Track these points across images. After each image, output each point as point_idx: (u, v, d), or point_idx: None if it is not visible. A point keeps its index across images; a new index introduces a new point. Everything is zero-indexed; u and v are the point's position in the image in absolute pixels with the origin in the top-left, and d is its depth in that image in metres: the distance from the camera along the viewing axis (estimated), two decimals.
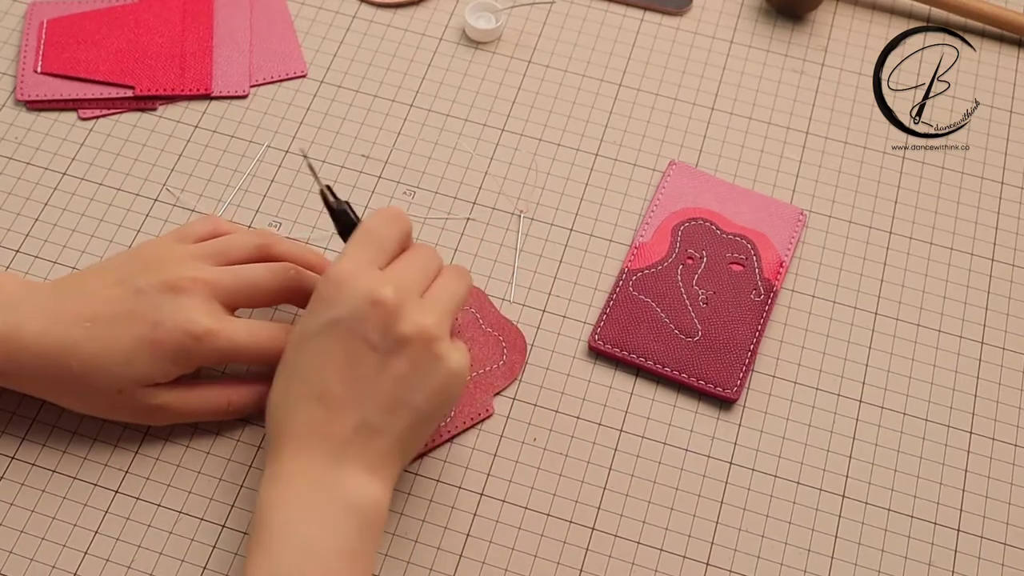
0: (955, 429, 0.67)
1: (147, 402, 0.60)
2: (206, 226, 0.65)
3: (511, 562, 0.62)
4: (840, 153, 0.77)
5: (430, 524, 0.62)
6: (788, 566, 0.62)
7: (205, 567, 0.60)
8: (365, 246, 0.58)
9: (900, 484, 0.65)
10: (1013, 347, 0.70)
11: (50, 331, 0.59)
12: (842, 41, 0.83)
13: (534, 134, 0.77)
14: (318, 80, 0.78)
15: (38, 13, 0.79)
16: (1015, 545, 0.64)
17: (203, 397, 0.63)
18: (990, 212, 0.76)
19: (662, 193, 0.74)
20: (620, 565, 0.62)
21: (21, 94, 0.76)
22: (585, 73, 0.80)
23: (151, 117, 0.76)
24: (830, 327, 0.70)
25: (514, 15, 0.82)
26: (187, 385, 0.62)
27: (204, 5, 0.80)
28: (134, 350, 0.59)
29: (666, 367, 0.67)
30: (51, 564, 0.60)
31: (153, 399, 0.61)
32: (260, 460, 0.64)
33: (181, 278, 0.60)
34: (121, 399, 0.60)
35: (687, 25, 0.83)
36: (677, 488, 0.64)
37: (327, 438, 0.55)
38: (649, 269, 0.71)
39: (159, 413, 0.61)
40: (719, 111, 0.79)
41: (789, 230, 0.73)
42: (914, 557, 0.63)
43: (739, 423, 0.67)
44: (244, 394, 0.64)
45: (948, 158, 0.78)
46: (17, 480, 0.62)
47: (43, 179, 0.73)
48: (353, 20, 0.81)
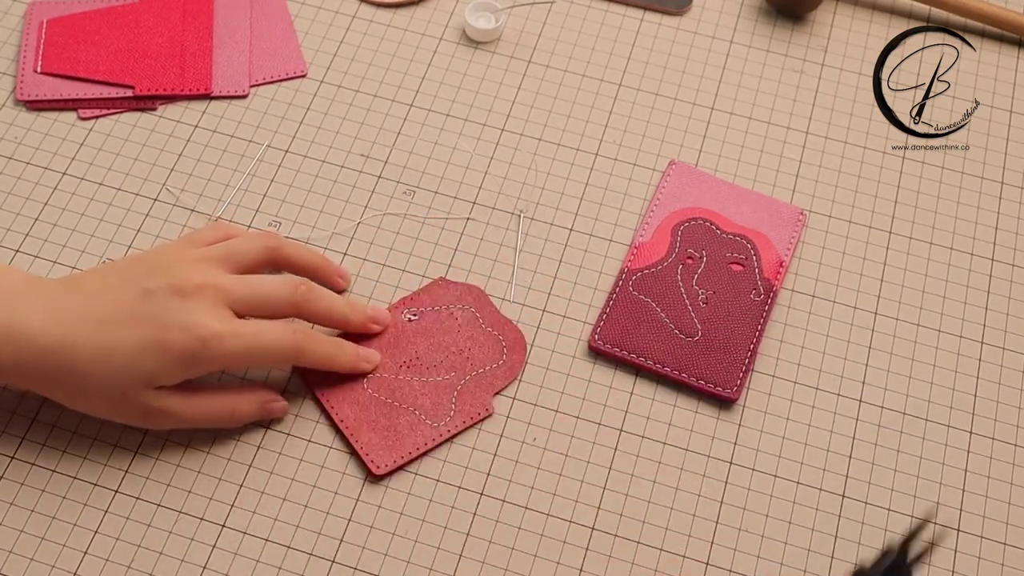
0: (955, 429, 0.67)
1: (150, 404, 0.60)
2: (216, 232, 0.65)
3: (511, 562, 0.62)
4: (840, 153, 0.77)
5: (430, 524, 0.62)
6: (788, 566, 0.62)
7: (205, 567, 0.60)
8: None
9: (900, 484, 0.65)
10: (1013, 347, 0.70)
11: (55, 327, 0.58)
12: (842, 41, 0.83)
13: (534, 134, 0.77)
14: (318, 80, 0.78)
15: (38, 13, 0.79)
16: (1015, 545, 0.64)
17: (207, 404, 0.62)
18: (990, 212, 0.76)
19: (662, 193, 0.74)
20: (620, 565, 0.62)
21: (21, 94, 0.76)
22: (585, 73, 0.80)
23: (151, 117, 0.76)
24: (830, 327, 0.70)
25: (514, 15, 0.82)
26: (191, 390, 0.62)
27: (204, 5, 0.80)
28: (141, 351, 0.58)
29: (666, 367, 0.67)
30: (51, 564, 0.60)
31: (156, 402, 0.60)
32: (260, 460, 0.64)
33: (190, 282, 0.60)
34: (124, 401, 0.60)
35: (687, 25, 0.83)
36: (677, 488, 0.64)
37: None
38: (649, 269, 0.71)
39: (162, 417, 0.61)
40: (719, 111, 0.79)
41: (789, 230, 0.73)
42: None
43: (739, 423, 0.67)
44: (248, 401, 0.63)
45: (948, 158, 0.78)
46: (17, 480, 0.62)
47: (43, 179, 0.73)
48: (353, 20, 0.81)
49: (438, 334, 0.67)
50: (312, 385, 0.66)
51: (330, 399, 0.65)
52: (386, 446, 0.64)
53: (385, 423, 0.64)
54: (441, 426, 0.65)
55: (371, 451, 0.63)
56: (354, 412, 0.64)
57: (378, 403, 0.65)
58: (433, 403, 0.65)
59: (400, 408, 0.65)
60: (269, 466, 0.64)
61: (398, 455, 0.63)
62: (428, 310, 0.68)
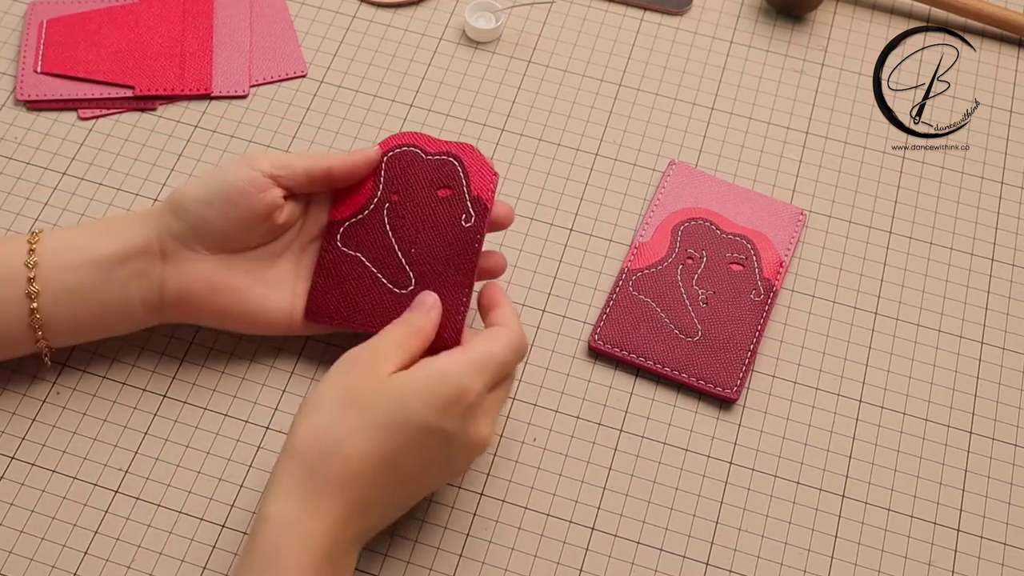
0: (955, 429, 0.67)
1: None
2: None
3: (511, 562, 0.62)
4: (840, 153, 0.77)
5: (430, 524, 0.62)
6: (788, 566, 0.62)
7: (205, 567, 0.60)
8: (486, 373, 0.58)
9: (900, 484, 0.65)
10: (1013, 347, 0.70)
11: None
12: (842, 41, 0.83)
13: (534, 134, 0.77)
14: (318, 80, 0.78)
15: (38, 13, 0.79)
16: (1015, 545, 0.64)
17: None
18: (990, 212, 0.76)
19: (662, 193, 0.74)
20: (620, 565, 0.62)
21: (21, 94, 0.76)
22: (585, 73, 0.80)
23: (151, 117, 0.76)
24: (830, 327, 0.70)
25: (514, 15, 0.82)
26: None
27: (204, 5, 0.80)
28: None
29: (666, 367, 0.67)
30: (51, 564, 0.60)
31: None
32: (260, 460, 0.64)
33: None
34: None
35: (687, 25, 0.83)
36: (677, 488, 0.64)
37: (364, 509, 0.56)
38: (649, 269, 0.71)
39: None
40: (719, 111, 0.79)
41: (789, 230, 0.73)
42: (914, 557, 0.63)
43: (739, 423, 0.67)
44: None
45: (948, 158, 0.78)
46: (17, 480, 0.62)
47: (43, 179, 0.73)
48: (353, 20, 0.81)
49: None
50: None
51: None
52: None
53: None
54: None
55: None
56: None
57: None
58: None
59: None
60: (268, 466, 0.63)
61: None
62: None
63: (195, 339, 0.67)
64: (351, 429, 0.55)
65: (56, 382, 0.65)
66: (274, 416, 0.65)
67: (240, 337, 0.67)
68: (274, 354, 0.67)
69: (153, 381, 0.66)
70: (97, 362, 0.66)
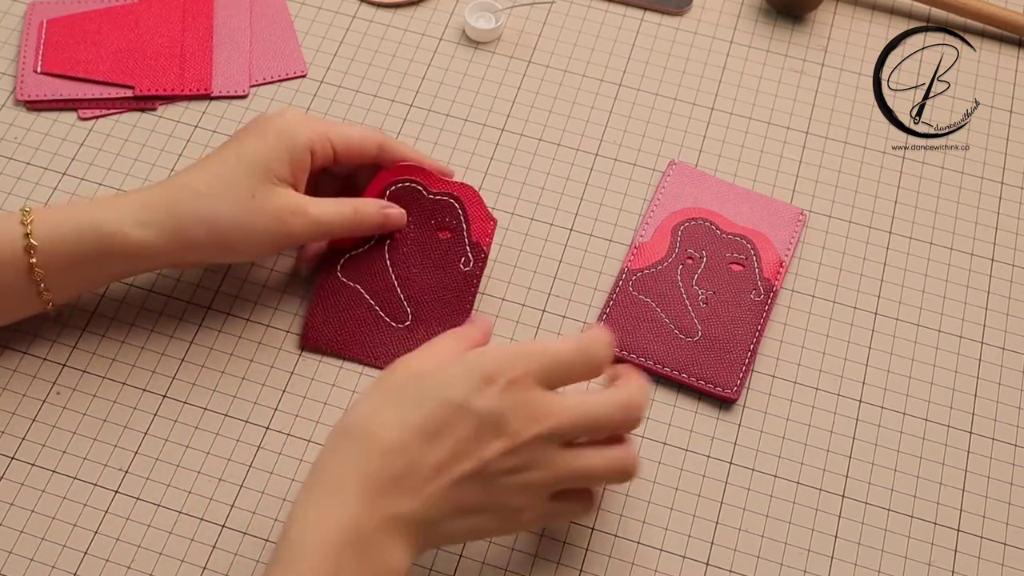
0: (955, 429, 0.67)
1: (287, 203, 0.63)
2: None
3: (511, 562, 0.62)
4: (840, 153, 0.77)
5: None
6: (788, 566, 0.62)
7: (205, 567, 0.60)
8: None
9: (900, 484, 0.65)
10: (1013, 347, 0.70)
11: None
12: (842, 41, 0.83)
13: (534, 134, 0.77)
14: (318, 80, 0.78)
15: (38, 13, 0.79)
16: (1015, 545, 0.64)
17: (335, 204, 0.65)
18: (990, 212, 0.76)
19: (662, 193, 0.74)
20: (620, 565, 0.62)
21: (21, 94, 0.76)
22: (585, 73, 0.80)
23: (151, 117, 0.76)
24: (830, 327, 0.70)
25: (514, 15, 0.82)
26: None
27: (204, 5, 0.80)
28: None
29: (666, 367, 0.67)
30: (51, 564, 0.60)
31: (292, 200, 0.64)
32: (260, 460, 0.64)
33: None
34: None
35: (687, 25, 0.83)
36: (677, 488, 0.64)
37: (409, 496, 0.53)
38: (649, 269, 0.71)
39: (298, 219, 0.64)
40: (719, 111, 0.79)
41: (789, 230, 0.73)
42: (914, 557, 0.63)
43: (739, 423, 0.67)
44: (368, 203, 0.67)
45: (948, 158, 0.78)
46: (17, 480, 0.62)
47: (43, 179, 0.73)
48: (353, 20, 0.81)
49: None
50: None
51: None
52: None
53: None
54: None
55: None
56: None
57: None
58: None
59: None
60: (269, 467, 0.64)
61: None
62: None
63: (195, 339, 0.67)
64: (376, 407, 0.54)
65: (56, 382, 0.65)
66: (274, 416, 0.65)
67: (240, 337, 0.67)
68: (274, 354, 0.67)
69: (153, 381, 0.66)
70: (97, 362, 0.66)
